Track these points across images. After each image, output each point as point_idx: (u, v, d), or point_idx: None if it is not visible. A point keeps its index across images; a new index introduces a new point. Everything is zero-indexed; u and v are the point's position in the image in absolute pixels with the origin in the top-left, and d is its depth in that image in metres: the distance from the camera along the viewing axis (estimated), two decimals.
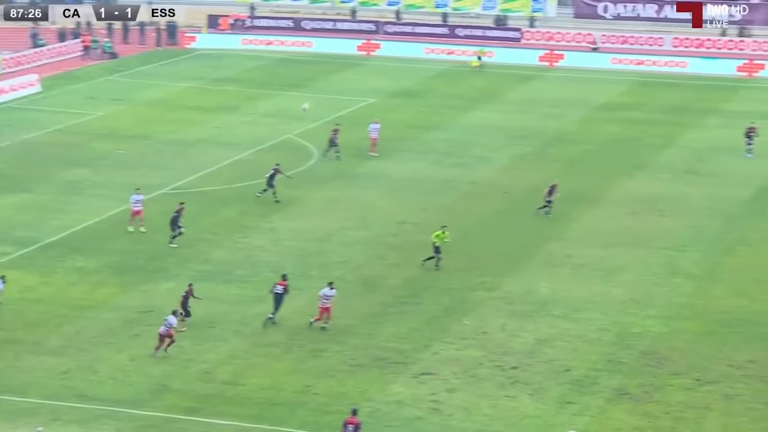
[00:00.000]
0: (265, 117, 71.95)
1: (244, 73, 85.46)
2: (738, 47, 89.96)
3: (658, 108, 75.57)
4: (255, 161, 61.01)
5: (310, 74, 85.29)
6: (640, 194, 56.13)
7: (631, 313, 41.68)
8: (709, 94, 79.31)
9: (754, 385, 36.00)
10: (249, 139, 66.09)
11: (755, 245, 48.67)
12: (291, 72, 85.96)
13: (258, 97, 77.80)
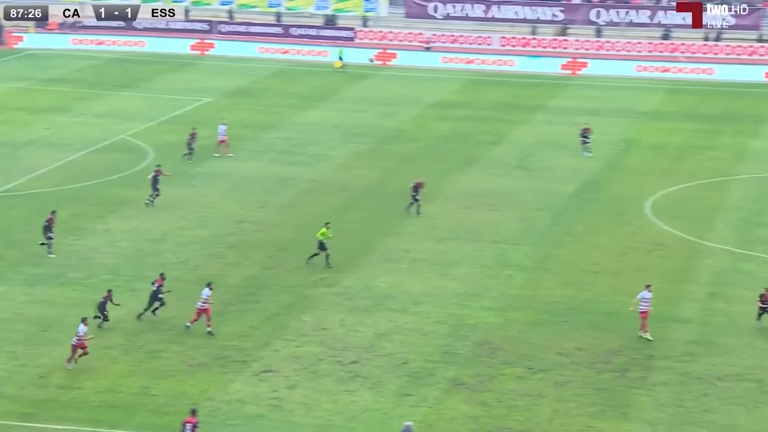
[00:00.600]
0: (97, 118, 70.84)
1: (74, 73, 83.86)
2: (562, 46, 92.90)
3: (488, 105, 77.49)
4: (87, 163, 60.11)
5: (143, 74, 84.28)
6: (472, 189, 57.52)
7: (466, 306, 42.74)
8: (536, 92, 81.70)
9: (582, 371, 37.33)
10: (81, 140, 65.00)
11: (581, 237, 50.48)
12: (123, 72, 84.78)
13: (89, 97, 76.51)
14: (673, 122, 72.44)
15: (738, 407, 34.68)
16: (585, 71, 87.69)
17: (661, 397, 35.48)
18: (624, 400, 35.34)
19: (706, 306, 42.39)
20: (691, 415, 34.30)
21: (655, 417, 34.20)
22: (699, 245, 49.07)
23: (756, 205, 54.74)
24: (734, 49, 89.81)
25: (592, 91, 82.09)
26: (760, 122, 71.96)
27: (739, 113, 74.52)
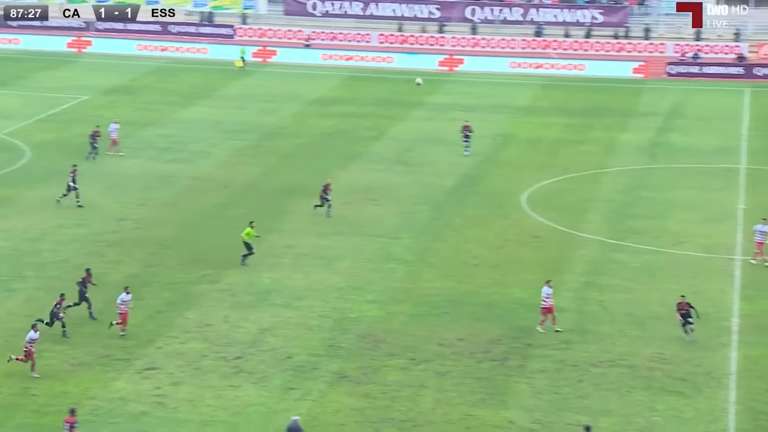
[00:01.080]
0: None
1: None
2: (439, 43, 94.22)
3: (368, 102, 78.23)
4: None
5: (18, 72, 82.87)
6: (354, 185, 58.14)
7: (349, 299, 43.31)
8: (415, 88, 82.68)
9: (463, 361, 38.21)
10: None
11: (460, 230, 51.51)
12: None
13: None
14: (546, 117, 74.22)
15: (611, 392, 35.91)
16: (462, 68, 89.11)
17: (539, 384, 36.53)
18: (503, 388, 36.29)
19: (580, 295, 43.70)
20: (567, 401, 35.41)
21: (533, 404, 35.22)
22: (573, 236, 50.50)
23: (626, 196, 56.53)
24: (603, 46, 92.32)
25: (469, 87, 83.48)
26: (629, 116, 74.21)
27: (609, 108, 76.69)
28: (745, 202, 55.51)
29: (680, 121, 72.89)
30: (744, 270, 46.15)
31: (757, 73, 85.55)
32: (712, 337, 39.70)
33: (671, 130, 70.34)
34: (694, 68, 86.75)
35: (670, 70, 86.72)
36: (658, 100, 78.78)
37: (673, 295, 43.14)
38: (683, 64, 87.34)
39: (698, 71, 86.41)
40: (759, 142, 67.05)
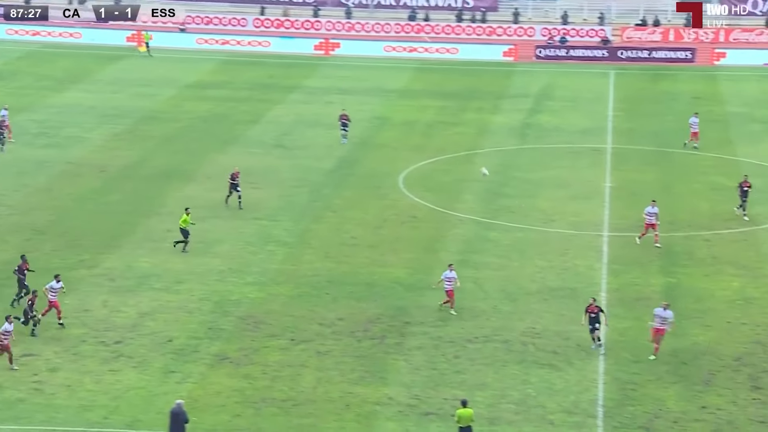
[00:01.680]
0: None
1: None
2: (314, 27, 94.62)
3: (245, 86, 78.29)
4: None
5: None
6: (232, 168, 58.17)
7: (230, 282, 43.61)
8: (291, 72, 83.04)
9: (343, 340, 38.90)
10: None
11: (339, 212, 52.19)
12: None
13: None
14: (421, 100, 75.33)
15: (486, 367, 37.02)
16: (338, 51, 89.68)
17: (416, 360, 37.43)
18: (382, 365, 37.09)
19: (456, 273, 44.74)
20: (444, 376, 36.40)
21: (411, 380, 36.10)
22: (448, 216, 51.62)
23: (499, 176, 57.87)
24: (474, 30, 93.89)
25: (345, 71, 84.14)
26: (500, 98, 75.82)
27: (481, 90, 78.19)
28: (611, 180, 57.39)
29: (549, 102, 74.78)
30: (611, 245, 47.87)
31: (621, 56, 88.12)
32: (581, 312, 41.10)
33: (541, 112, 72.14)
34: (562, 51, 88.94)
35: (539, 53, 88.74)
36: (527, 82, 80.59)
37: (543, 272, 44.66)
38: (551, 47, 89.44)
39: (565, 54, 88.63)
40: (623, 122, 69.25)
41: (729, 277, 44.25)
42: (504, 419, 33.50)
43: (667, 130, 67.39)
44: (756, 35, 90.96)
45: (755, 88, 78.75)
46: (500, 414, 33.82)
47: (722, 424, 33.15)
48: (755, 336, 39.03)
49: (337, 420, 33.56)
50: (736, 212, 50.63)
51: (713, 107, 72.90)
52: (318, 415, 33.80)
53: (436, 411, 34.07)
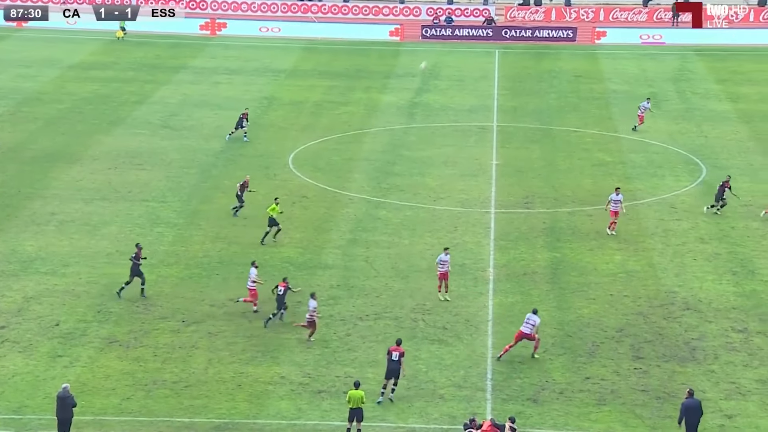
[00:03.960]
0: None
1: None
2: (200, 7, 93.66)
3: (130, 66, 77.29)
4: None
5: None
6: (118, 150, 57.63)
7: (118, 264, 43.12)
8: (177, 52, 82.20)
9: (234, 321, 38.87)
10: None
11: (229, 192, 51.93)
12: None
13: None
14: (309, 79, 75.33)
15: (378, 344, 37.40)
16: (224, 31, 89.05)
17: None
18: (274, 345, 37.21)
19: (347, 252, 45.08)
20: (336, 354, 36.68)
21: (303, 359, 36.29)
22: (339, 195, 51.85)
23: (387, 155, 58.32)
24: (361, 10, 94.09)
25: (233, 51, 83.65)
26: (388, 78, 76.25)
27: (369, 70, 78.52)
28: (497, 157, 58.26)
29: (436, 82, 75.42)
30: (498, 222, 48.66)
31: (505, 35, 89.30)
32: (469, 287, 41.82)
33: (428, 91, 72.74)
34: (447, 31, 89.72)
35: (425, 33, 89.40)
36: (412, 62, 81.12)
37: (433, 249, 45.19)
38: (437, 27, 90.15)
39: (451, 34, 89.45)
40: (508, 101, 70.26)
41: (611, 251, 45.38)
42: (395, 395, 33.90)
43: (551, 107, 68.61)
44: (634, 14, 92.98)
45: (634, 66, 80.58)
46: None
47: (606, 393, 34.10)
48: (636, 308, 40.15)
49: (228, 400, 33.60)
50: (705, 211, 49.31)
51: (594, 85, 74.40)
52: (210, 396, 33.79)
53: (328, 389, 34.33)
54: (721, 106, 68.48)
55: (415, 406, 33.46)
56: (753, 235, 46.84)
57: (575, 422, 32.66)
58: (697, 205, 50.52)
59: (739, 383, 34.64)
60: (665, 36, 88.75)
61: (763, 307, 40.05)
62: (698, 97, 70.61)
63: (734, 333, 38.02)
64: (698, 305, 40.26)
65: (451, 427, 31.97)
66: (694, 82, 74.91)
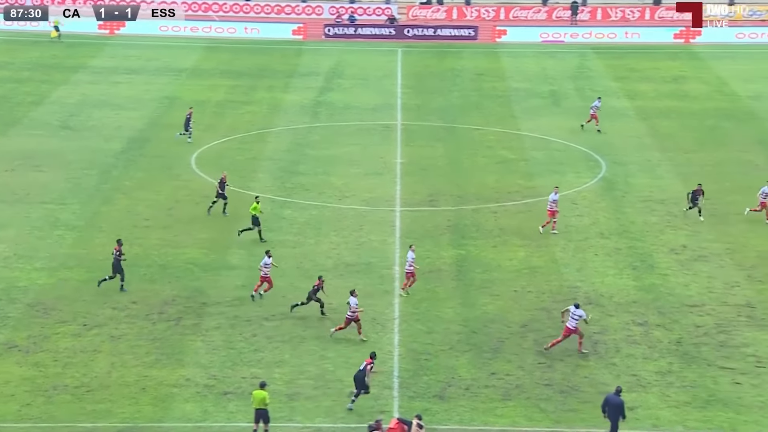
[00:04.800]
0: None
1: None
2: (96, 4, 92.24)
3: (26, 66, 75.87)
4: None
5: None
6: (15, 151, 56.52)
7: (16, 268, 42.33)
8: (76, 51, 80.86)
9: (138, 323, 38.37)
10: None
11: (130, 193, 51.32)
12: None
13: None
14: (211, 79, 74.74)
15: (284, 344, 37.22)
16: (123, 30, 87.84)
17: (214, 341, 37.30)
18: (179, 347, 36.81)
19: (252, 252, 44.76)
20: (242, 355, 36.41)
21: (209, 360, 35.96)
22: (243, 195, 51.45)
23: (291, 155, 58.13)
24: (263, 8, 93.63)
25: (132, 50, 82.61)
26: (291, 77, 76.03)
27: (271, 69, 78.19)
28: (402, 156, 58.46)
29: (340, 80, 75.39)
30: (403, 220, 48.79)
31: (408, 34, 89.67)
32: (375, 285, 41.85)
33: (332, 90, 72.68)
34: (350, 29, 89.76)
35: (328, 32, 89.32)
36: (317, 60, 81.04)
37: (338, 248, 45.15)
38: (340, 26, 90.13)
39: (354, 32, 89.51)
40: (412, 99, 70.54)
41: (515, 247, 45.82)
42: (302, 395, 33.80)
43: (454, 105, 69.05)
44: (534, 13, 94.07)
45: (534, 63, 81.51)
46: (299, 390, 34.10)
47: (510, 388, 34.40)
48: (540, 303, 40.59)
49: (132, 404, 33.13)
50: (686, 211, 49.00)
51: (496, 83, 75.08)
52: (113, 400, 33.28)
53: (234, 390, 34.06)
54: (619, 103, 69.61)
55: (323, 405, 33.37)
56: (652, 230, 47.69)
57: (481, 417, 32.89)
58: (597, 201, 51.30)
59: (639, 375, 35.22)
60: (564, 34, 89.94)
61: (662, 301, 40.81)
62: (597, 95, 71.67)
63: (635, 326, 38.66)
64: (600, 299, 40.86)
65: (359, 425, 31.94)
66: (593, 80, 76.04)
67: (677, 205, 50.34)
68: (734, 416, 32.85)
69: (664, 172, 55.71)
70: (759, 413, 33.00)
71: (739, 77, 75.62)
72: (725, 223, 48.34)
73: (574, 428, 32.44)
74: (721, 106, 68.69)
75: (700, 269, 43.49)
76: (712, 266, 43.79)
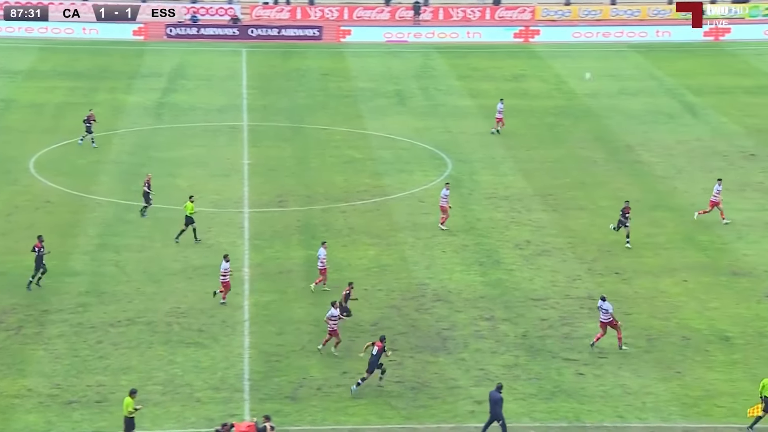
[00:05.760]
0: None
1: None
2: None
3: None
4: None
5: None
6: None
7: None
8: None
9: None
10: None
11: None
12: None
13: None
14: (49, 81, 72.88)
15: (131, 350, 36.52)
16: None
17: (57, 349, 36.34)
18: (20, 357, 35.75)
19: (95, 257, 43.81)
20: (87, 362, 35.56)
21: (52, 369, 35.02)
22: (86, 199, 50.34)
23: (136, 157, 57.10)
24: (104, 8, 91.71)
25: None
26: (133, 78, 74.73)
27: (113, 70, 76.68)
28: (249, 157, 58.05)
29: (183, 81, 74.44)
30: (252, 221, 48.45)
31: (252, 34, 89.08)
32: None
33: (175, 91, 71.71)
34: (193, 30, 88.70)
35: (170, 32, 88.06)
36: (160, 61, 79.84)
37: (186, 251, 44.55)
38: (182, 26, 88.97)
39: (197, 33, 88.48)
40: (258, 100, 70.13)
41: (365, 246, 45.98)
42: (151, 401, 33.20)
43: (300, 106, 68.91)
44: (377, 13, 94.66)
45: (379, 63, 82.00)
46: (147, 396, 33.47)
47: (362, 387, 34.46)
48: (390, 301, 40.83)
49: None
50: (612, 228, 46.88)
51: (342, 83, 75.25)
52: None
53: (79, 399, 33.27)
54: (463, 102, 70.58)
55: (172, 411, 32.85)
56: (497, 227, 48.48)
57: (333, 417, 32.88)
58: None
59: (487, 369, 35.74)
60: (408, 34, 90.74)
61: (508, 295, 41.52)
62: (441, 94, 72.54)
63: (482, 321, 39.23)
64: (448, 296, 41.32)
65: (209, 430, 31.54)
66: (437, 79, 76.93)
67: (521, 201, 51.33)
68: (578, 406, 33.65)
69: (508, 169, 56.72)
70: (601, 402, 33.89)
71: (576, 75, 77.58)
72: (567, 218, 49.49)
73: (424, 424, 32.73)
74: (560, 104, 70.34)
75: (544, 264, 44.42)
76: (555, 260, 44.77)
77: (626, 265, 44.26)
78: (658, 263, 44.48)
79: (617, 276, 43.24)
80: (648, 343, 37.63)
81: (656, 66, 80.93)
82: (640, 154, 59.26)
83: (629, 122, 65.60)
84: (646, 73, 78.99)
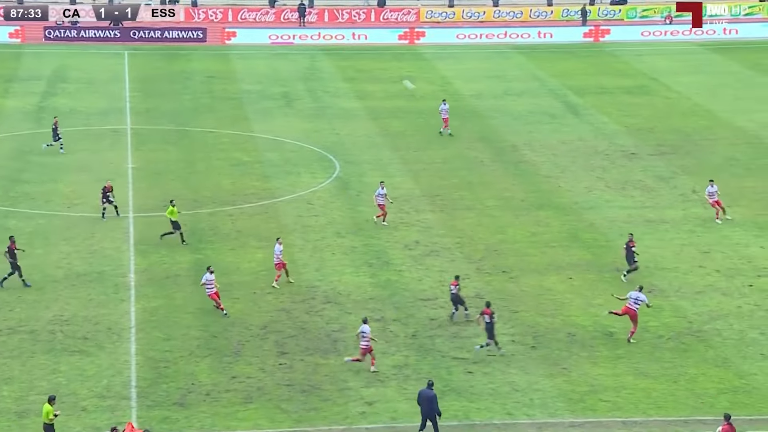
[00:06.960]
0: None
1: None
2: None
3: None
4: None
5: None
6: None
7: None
8: None
9: None
10: None
11: None
12: None
13: None
14: None
15: (12, 360, 35.61)
16: None
17: None
18: None
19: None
20: None
21: None
22: None
23: (15, 162, 55.83)
24: None
25: None
26: (11, 81, 73.09)
27: None
28: (133, 160, 57.16)
29: (64, 84, 73.02)
30: (137, 226, 47.68)
31: (134, 36, 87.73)
32: (110, 294, 40.69)
33: (56, 94, 70.30)
34: (73, 32, 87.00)
35: (49, 34, 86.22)
36: (38, 64, 78.20)
37: (69, 257, 43.66)
38: (61, 29, 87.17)
39: (77, 35, 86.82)
40: (141, 103, 69.13)
41: (253, 249, 45.63)
42: (33, 411, 32.39)
43: (186, 108, 68.16)
44: (262, 14, 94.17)
45: (265, 65, 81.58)
46: (29, 406, 32.69)
47: (252, 391, 34.19)
48: (280, 304, 40.57)
49: None
50: (623, 279, 42.99)
51: (228, 85, 74.66)
52: None
53: None
54: (350, 103, 70.61)
55: (56, 420, 32.03)
56: (386, 228, 48.56)
57: (223, 422, 32.52)
58: (333, 201, 51.76)
59: (378, 370, 35.73)
60: (293, 36, 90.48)
61: (398, 296, 41.62)
62: (329, 96, 72.47)
63: (372, 322, 39.18)
64: (338, 298, 41.24)
65: None
66: (324, 81, 76.84)
67: (408, 203, 51.51)
68: (467, 404, 33.88)
69: (396, 170, 56.89)
70: (489, 400, 34.17)
71: (461, 77, 78.26)
72: (454, 218, 49.83)
73: (316, 426, 32.58)
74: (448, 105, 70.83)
75: (433, 264, 44.64)
76: (443, 260, 45.02)
77: (513, 263, 44.75)
78: (543, 261, 45.07)
79: (504, 275, 43.68)
80: (535, 341, 38.08)
81: (539, 67, 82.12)
82: (525, 154, 60.03)
83: (514, 123, 66.42)
84: (529, 74, 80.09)
